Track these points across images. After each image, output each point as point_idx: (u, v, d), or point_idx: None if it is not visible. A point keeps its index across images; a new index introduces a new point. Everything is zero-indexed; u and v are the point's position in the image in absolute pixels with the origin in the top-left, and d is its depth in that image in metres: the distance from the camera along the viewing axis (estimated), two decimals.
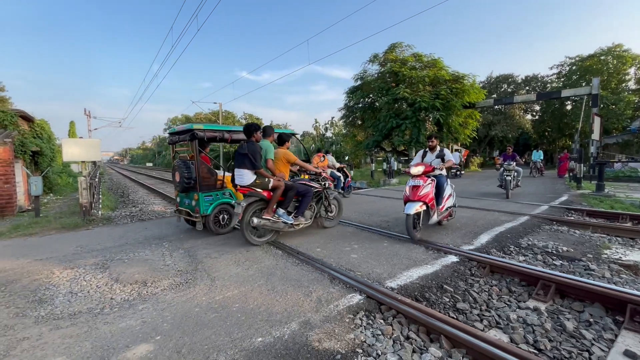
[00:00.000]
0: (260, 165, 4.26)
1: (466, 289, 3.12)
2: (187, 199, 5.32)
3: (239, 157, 4.34)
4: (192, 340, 2.17)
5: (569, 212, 6.74)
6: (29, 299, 2.86)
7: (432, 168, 4.75)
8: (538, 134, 37.31)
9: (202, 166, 5.01)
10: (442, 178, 4.92)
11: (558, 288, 3.03)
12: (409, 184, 4.59)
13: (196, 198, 4.97)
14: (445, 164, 4.99)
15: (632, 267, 3.70)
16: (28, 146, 9.86)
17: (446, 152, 5.21)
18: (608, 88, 27.46)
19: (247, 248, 4.34)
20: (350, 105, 22.05)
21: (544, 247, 4.34)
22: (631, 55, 27.78)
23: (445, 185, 4.99)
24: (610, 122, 26.03)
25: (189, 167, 5.06)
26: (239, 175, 4.36)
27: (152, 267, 3.63)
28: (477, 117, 21.24)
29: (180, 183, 5.09)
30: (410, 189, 4.52)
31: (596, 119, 11.65)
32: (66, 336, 2.25)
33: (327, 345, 2.13)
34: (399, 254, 3.95)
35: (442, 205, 4.84)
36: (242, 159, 4.28)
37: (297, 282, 3.13)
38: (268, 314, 2.52)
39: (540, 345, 2.25)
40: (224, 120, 38.05)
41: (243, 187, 4.35)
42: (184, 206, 5.41)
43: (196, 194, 4.97)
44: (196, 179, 4.95)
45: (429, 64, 19.17)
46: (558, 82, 33.37)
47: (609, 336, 2.38)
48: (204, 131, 5.00)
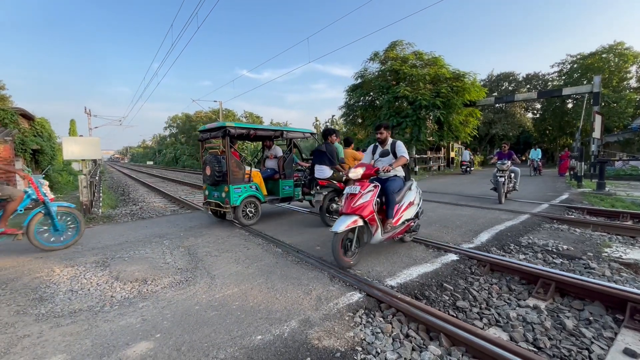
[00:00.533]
0: (336, 162, 5.29)
1: (466, 287, 3.12)
2: (217, 191, 5.68)
3: (319, 155, 5.33)
4: (192, 338, 2.17)
5: (570, 210, 6.73)
6: (30, 296, 2.87)
7: (374, 170, 3.59)
8: (539, 133, 37.25)
9: (232, 161, 5.38)
10: (393, 182, 3.78)
11: (558, 286, 3.03)
12: (346, 191, 3.52)
13: (226, 190, 5.34)
14: (396, 163, 3.74)
15: (632, 265, 3.70)
16: (28, 144, 9.87)
17: (399, 146, 3.93)
18: (609, 86, 27.36)
19: (247, 246, 4.34)
20: (351, 103, 22.00)
21: (544, 246, 4.33)
22: (633, 53, 27.67)
23: (403, 191, 3.88)
24: (611, 121, 25.97)
25: (220, 161, 5.45)
26: (319, 170, 5.31)
27: (152, 265, 3.63)
28: (478, 115, 21.19)
29: (212, 176, 5.49)
30: (344, 199, 3.47)
31: (597, 117, 11.62)
32: (66, 334, 2.26)
33: (327, 343, 2.14)
34: (398, 253, 3.95)
35: (397, 217, 3.71)
36: (322, 157, 5.29)
37: (297, 281, 3.13)
38: (268, 312, 2.53)
39: (540, 343, 2.25)
40: (224, 119, 37.98)
41: (322, 180, 5.29)
42: (213, 198, 5.77)
43: (226, 186, 5.33)
44: (227, 172, 5.33)
45: (429, 62, 19.10)
46: (559, 80, 33.27)
47: (608, 334, 2.38)
48: (235, 128, 5.42)
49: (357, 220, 3.30)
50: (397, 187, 3.76)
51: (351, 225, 3.23)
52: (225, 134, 5.26)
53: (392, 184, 3.73)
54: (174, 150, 52.52)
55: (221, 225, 5.69)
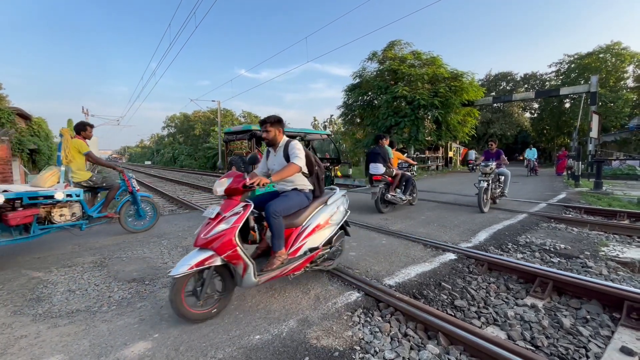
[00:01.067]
0: (389, 161, 6.44)
1: (464, 287, 3.13)
2: None
3: (374, 155, 6.47)
4: (190, 338, 2.17)
5: (567, 209, 6.76)
6: (27, 297, 2.86)
7: (241, 184, 2.45)
8: (537, 132, 37.40)
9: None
10: (283, 200, 2.71)
11: (555, 285, 3.05)
12: (204, 214, 2.53)
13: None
14: (279, 173, 2.63)
15: (629, 264, 3.73)
16: (25, 144, 9.83)
17: (292, 148, 2.81)
18: (606, 86, 27.48)
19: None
20: (349, 103, 22.00)
21: (541, 245, 4.35)
22: (630, 53, 27.82)
23: (306, 210, 2.85)
24: (608, 120, 26.10)
25: (245, 161, 5.87)
26: (374, 167, 6.40)
27: (150, 265, 3.62)
28: (476, 115, 21.24)
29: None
30: (202, 225, 2.49)
31: (594, 117, 11.67)
32: (64, 334, 2.25)
33: (325, 342, 2.14)
34: (397, 252, 3.95)
35: (295, 247, 2.73)
36: (376, 157, 6.42)
37: (295, 280, 3.13)
38: (266, 311, 2.53)
39: (538, 342, 2.26)
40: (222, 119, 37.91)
41: (376, 175, 6.36)
42: None
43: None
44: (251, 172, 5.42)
45: (427, 61, 19.13)
46: (557, 80, 33.41)
47: (605, 333, 2.39)
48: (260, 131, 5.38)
49: (213, 258, 2.28)
50: (291, 205, 2.72)
51: (199, 265, 2.22)
52: (251, 137, 5.79)
53: (280, 202, 2.66)
54: (172, 150, 52.40)
55: None
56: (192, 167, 40.33)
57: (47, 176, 4.06)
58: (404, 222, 5.59)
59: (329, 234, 3.02)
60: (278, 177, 2.62)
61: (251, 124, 30.97)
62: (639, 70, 29.10)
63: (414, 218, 5.95)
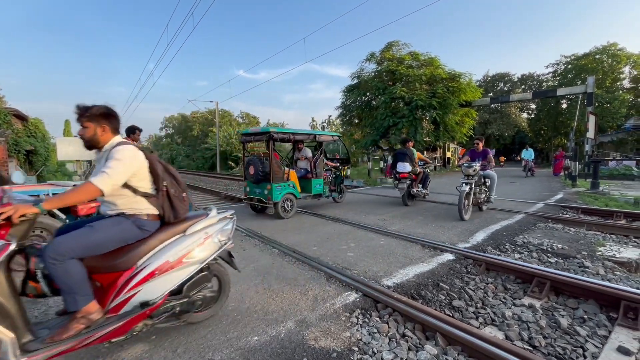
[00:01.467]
0: (414, 160, 7.34)
1: (462, 287, 3.14)
2: (259, 188, 6.23)
3: (402, 155, 7.30)
4: (188, 340, 2.16)
5: (564, 209, 6.79)
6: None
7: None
8: (534, 133, 37.57)
9: (274, 162, 5.96)
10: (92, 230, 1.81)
11: (553, 285, 3.06)
12: None
13: (269, 188, 5.90)
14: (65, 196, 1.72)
15: (625, 264, 3.75)
16: (22, 145, 9.78)
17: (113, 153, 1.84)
18: (603, 87, 27.64)
19: (243, 247, 4.33)
20: (347, 103, 22.02)
21: (539, 245, 4.37)
22: (626, 54, 28.00)
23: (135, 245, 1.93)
24: (605, 121, 26.24)
25: (263, 162, 6.00)
26: (402, 165, 7.16)
27: None
28: (474, 115, 21.33)
29: (255, 175, 6.03)
30: None
31: (591, 118, 11.74)
32: None
33: (323, 343, 2.13)
34: (395, 252, 3.96)
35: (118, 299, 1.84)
36: (404, 157, 7.26)
37: (294, 281, 3.13)
38: (264, 312, 2.52)
39: (535, 342, 2.26)
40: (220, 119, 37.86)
41: (403, 173, 7.11)
42: (255, 195, 6.34)
43: (269, 184, 5.87)
44: (269, 172, 5.86)
45: (425, 62, 19.19)
46: (554, 80, 33.57)
47: (602, 332, 2.40)
48: (277, 133, 6.03)
49: None
50: (96, 241, 1.78)
51: None
52: (269, 138, 5.83)
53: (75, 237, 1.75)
54: (170, 151, 52.28)
55: None
56: (190, 168, 40.25)
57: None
58: (402, 223, 5.59)
59: (182, 277, 2.03)
60: (55, 203, 1.73)
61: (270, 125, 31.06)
62: (635, 71, 29.28)
63: (412, 218, 5.96)
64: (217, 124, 29.71)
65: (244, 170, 6.49)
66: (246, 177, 6.44)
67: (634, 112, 28.08)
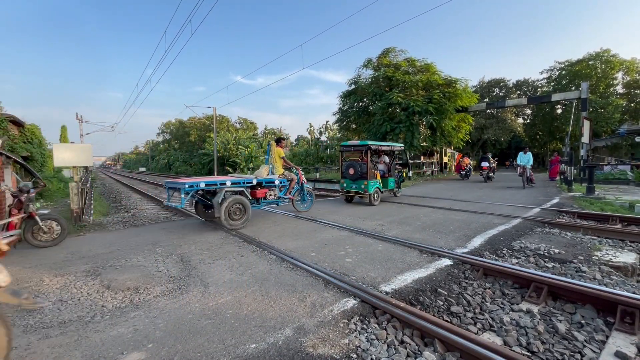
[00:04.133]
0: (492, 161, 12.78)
1: (460, 292, 3.14)
2: (356, 184, 8.63)
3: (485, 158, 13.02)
4: (185, 348, 2.14)
5: (561, 214, 6.83)
6: (18, 307, 2.80)
7: None
8: (530, 137, 37.88)
9: (369, 165, 8.38)
10: None
11: (550, 290, 3.07)
12: None
13: (365, 183, 8.32)
14: None
15: (622, 268, 3.77)
16: (18, 151, 9.72)
17: None
18: (597, 92, 27.99)
19: (240, 253, 4.31)
20: (345, 109, 22.15)
21: (536, 250, 4.38)
22: (619, 60, 28.41)
23: None
24: (599, 126, 26.54)
25: (361, 165, 8.44)
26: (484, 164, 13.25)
27: (144, 274, 3.58)
28: (470, 120, 21.49)
29: (355, 174, 8.50)
30: None
31: (586, 123, 11.86)
32: (55, 345, 2.20)
33: (322, 350, 2.12)
34: (393, 258, 3.95)
35: None
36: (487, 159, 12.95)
37: (292, 287, 3.12)
38: (262, 319, 2.50)
39: (533, 347, 2.26)
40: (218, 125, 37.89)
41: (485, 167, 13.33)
42: (352, 188, 8.76)
43: (365, 181, 8.31)
44: (366, 173, 8.33)
45: (421, 68, 19.39)
46: (548, 86, 33.96)
47: (600, 337, 2.41)
48: (372, 145, 8.52)
49: None
50: None
51: None
52: (367, 149, 8.28)
53: None
54: (167, 157, 52.16)
55: (215, 232, 5.65)
56: (187, 174, 40.09)
57: (264, 170, 6.60)
58: (400, 228, 5.60)
59: None
60: None
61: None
62: (628, 76, 29.69)
63: (410, 224, 5.97)
64: (215, 129, 29.71)
65: (343, 171, 8.97)
66: (344, 175, 8.89)
67: (628, 117, 28.43)
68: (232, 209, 5.68)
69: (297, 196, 7.37)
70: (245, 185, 6.05)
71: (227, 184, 5.74)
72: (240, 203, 5.78)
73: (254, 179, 6.21)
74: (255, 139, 40.15)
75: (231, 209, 5.66)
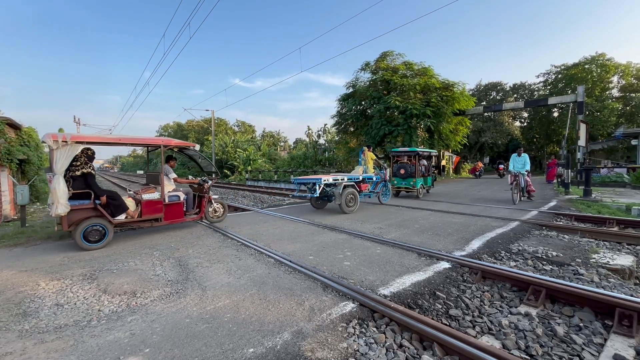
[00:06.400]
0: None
1: (458, 295, 3.14)
2: (405, 182, 10.87)
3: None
4: (182, 352, 2.12)
5: (558, 217, 6.85)
6: (13, 312, 2.78)
7: None
8: (527, 141, 38.12)
9: (417, 167, 10.81)
10: None
11: (548, 293, 3.07)
12: None
13: (414, 181, 10.70)
14: None
15: (619, 271, 3.77)
16: (15, 154, 9.66)
17: None
18: (592, 96, 28.25)
19: (238, 257, 4.29)
20: (343, 112, 22.22)
21: (534, 252, 4.39)
22: (614, 64, 28.71)
23: None
24: (595, 129, 26.75)
25: (410, 167, 10.83)
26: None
27: (141, 277, 3.56)
28: (468, 124, 21.62)
29: (405, 173, 10.81)
30: None
31: (582, 126, 11.95)
32: (51, 350, 2.18)
33: (320, 354, 2.11)
34: (391, 261, 3.95)
35: None
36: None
37: (290, 291, 3.10)
38: (260, 323, 2.49)
39: (532, 350, 2.26)
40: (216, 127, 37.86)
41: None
42: (402, 185, 10.94)
43: (414, 179, 10.67)
44: (414, 172, 10.72)
45: (419, 72, 19.49)
46: (545, 89, 34.24)
47: (598, 340, 2.41)
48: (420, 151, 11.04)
49: None
50: None
51: None
52: (416, 154, 10.81)
53: None
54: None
55: (212, 235, 5.63)
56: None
57: (360, 170, 8.73)
58: (398, 231, 5.60)
59: None
60: None
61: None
62: (623, 80, 29.99)
63: (408, 227, 5.97)
64: (213, 132, 29.71)
65: (394, 171, 11.06)
66: (395, 174, 11.01)
67: (624, 121, 28.67)
68: (348, 198, 7.61)
69: (382, 190, 9.15)
70: (355, 180, 8.03)
71: (345, 179, 7.74)
72: (352, 194, 7.75)
73: (360, 176, 8.23)
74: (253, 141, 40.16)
75: (347, 198, 7.58)
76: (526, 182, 9.51)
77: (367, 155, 8.93)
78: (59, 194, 4.32)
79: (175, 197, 5.73)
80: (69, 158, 4.45)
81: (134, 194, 5.66)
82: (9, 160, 9.36)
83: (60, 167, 4.39)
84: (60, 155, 4.39)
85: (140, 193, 5.46)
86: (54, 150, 4.35)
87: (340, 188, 7.52)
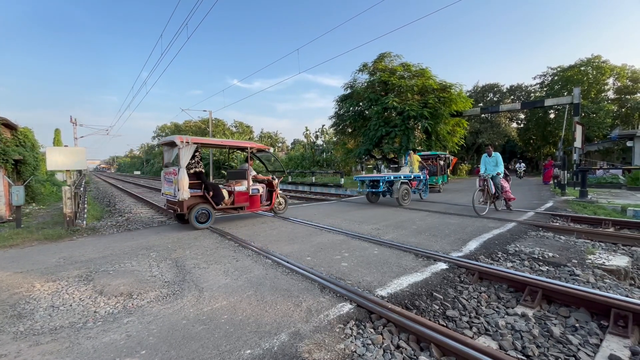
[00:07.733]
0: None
1: (455, 296, 3.14)
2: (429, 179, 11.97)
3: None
4: (179, 354, 2.11)
5: (554, 218, 6.89)
6: (8, 313, 2.75)
7: None
8: (523, 142, 38.34)
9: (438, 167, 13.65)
10: None
11: (545, 294, 3.08)
12: None
13: (436, 178, 13.25)
14: None
15: (615, 271, 3.80)
16: (10, 155, 9.60)
17: None
18: (588, 97, 28.45)
19: (236, 258, 4.28)
20: (341, 113, 22.21)
21: (530, 253, 4.41)
22: (609, 66, 28.96)
23: None
24: (591, 130, 26.94)
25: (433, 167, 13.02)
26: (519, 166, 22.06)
27: (138, 279, 3.54)
28: (465, 125, 21.69)
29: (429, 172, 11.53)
30: None
31: (578, 127, 12.03)
32: (46, 352, 2.16)
33: (317, 356, 2.11)
34: (389, 262, 3.95)
35: None
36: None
37: (287, 292, 3.10)
38: (257, 325, 2.48)
39: (529, 351, 2.27)
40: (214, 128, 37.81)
41: None
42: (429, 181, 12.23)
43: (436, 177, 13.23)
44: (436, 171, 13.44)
45: (417, 73, 19.53)
46: (541, 91, 34.48)
47: (594, 341, 2.42)
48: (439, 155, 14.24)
49: None
50: None
51: None
52: (437, 157, 13.65)
53: None
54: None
55: (210, 236, 5.61)
56: None
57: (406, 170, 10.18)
58: (396, 232, 5.61)
59: None
60: None
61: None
62: (618, 82, 30.24)
63: (406, 227, 5.98)
64: (211, 133, 29.65)
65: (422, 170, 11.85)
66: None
67: (619, 122, 28.91)
68: (403, 193, 8.96)
69: (423, 187, 10.53)
70: (408, 178, 9.58)
71: (402, 177, 9.31)
72: (407, 190, 9.14)
73: (412, 175, 9.76)
74: None
75: (402, 193, 8.92)
76: (502, 188, 7.61)
77: (413, 158, 10.67)
78: (184, 183, 5.71)
79: (256, 190, 6.98)
80: (189, 155, 5.86)
81: (228, 187, 6.87)
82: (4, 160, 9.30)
83: (184, 162, 5.79)
84: (184, 153, 5.78)
85: (233, 185, 6.82)
86: (180, 149, 5.71)
87: (399, 184, 8.92)
